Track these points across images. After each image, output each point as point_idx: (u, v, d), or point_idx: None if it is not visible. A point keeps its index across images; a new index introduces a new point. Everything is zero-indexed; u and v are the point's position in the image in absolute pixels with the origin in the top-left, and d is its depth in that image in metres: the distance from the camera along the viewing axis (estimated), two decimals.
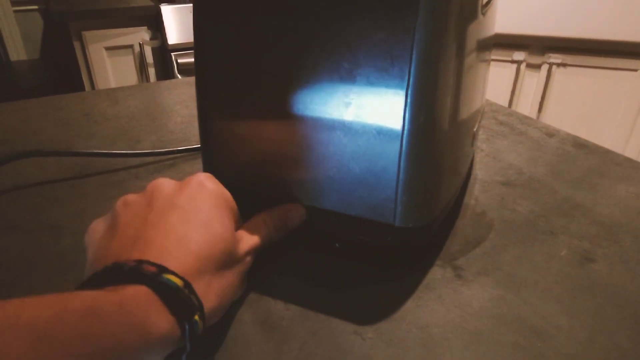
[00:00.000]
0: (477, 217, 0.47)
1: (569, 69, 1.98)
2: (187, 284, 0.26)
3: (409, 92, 0.32)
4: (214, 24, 0.36)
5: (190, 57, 1.82)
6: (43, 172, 0.54)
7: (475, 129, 0.48)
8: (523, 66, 2.05)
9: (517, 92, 2.11)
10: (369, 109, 0.34)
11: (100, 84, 1.81)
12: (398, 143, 0.34)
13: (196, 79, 0.39)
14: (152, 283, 0.25)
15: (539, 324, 0.34)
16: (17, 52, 2.27)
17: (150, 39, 1.82)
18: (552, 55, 1.97)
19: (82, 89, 1.74)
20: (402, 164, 0.34)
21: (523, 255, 0.41)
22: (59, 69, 2.26)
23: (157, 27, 1.81)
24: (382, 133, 0.34)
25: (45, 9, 2.22)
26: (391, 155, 0.34)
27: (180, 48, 1.79)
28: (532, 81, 2.07)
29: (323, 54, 0.33)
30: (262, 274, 0.38)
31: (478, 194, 0.50)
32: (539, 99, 2.06)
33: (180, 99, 0.77)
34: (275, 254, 0.39)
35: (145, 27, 1.81)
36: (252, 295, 0.37)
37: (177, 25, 1.77)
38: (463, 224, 0.46)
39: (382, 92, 0.33)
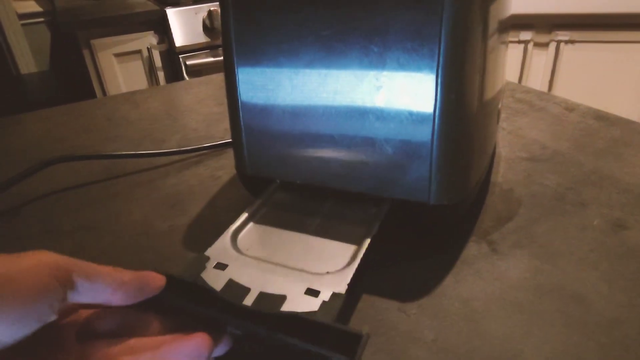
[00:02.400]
0: (506, 193, 0.47)
1: (577, 45, 1.96)
2: None
3: (440, 71, 0.33)
4: (244, 15, 0.37)
5: (198, 59, 1.83)
6: (75, 177, 0.55)
7: (499, 106, 0.48)
8: (530, 45, 2.04)
9: (525, 72, 2.09)
10: (400, 91, 0.34)
11: (112, 91, 1.83)
12: (430, 122, 0.34)
13: (225, 73, 0.40)
14: None
15: (579, 291, 0.35)
16: (27, 64, 2.30)
17: (158, 43, 1.84)
18: (559, 32, 1.95)
19: (94, 96, 1.76)
20: (435, 143, 0.35)
21: (555, 227, 0.42)
22: (69, 78, 2.29)
23: (163, 30, 1.82)
24: (414, 113, 0.34)
25: (52, 21, 2.24)
26: (424, 135, 0.35)
27: (187, 50, 1.80)
28: (541, 60, 2.05)
29: (352, 39, 0.34)
30: None
31: (504, 171, 0.51)
32: (548, 77, 2.05)
33: (199, 98, 0.79)
34: None
35: (152, 32, 1.82)
36: None
37: (183, 27, 1.78)
38: (493, 200, 0.46)
39: (413, 72, 0.33)
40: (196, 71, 1.79)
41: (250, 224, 0.39)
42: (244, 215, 0.39)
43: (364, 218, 0.38)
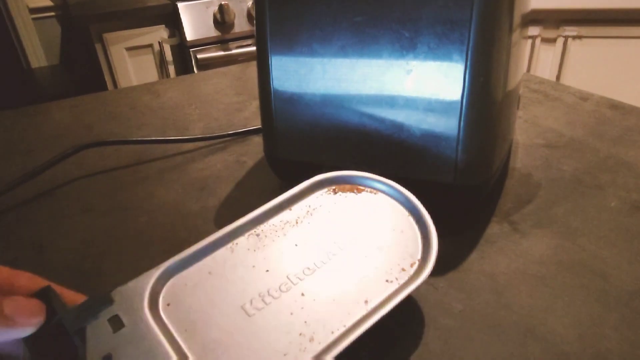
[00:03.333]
0: (525, 177, 0.49)
1: (584, 40, 1.97)
2: None
3: (469, 55, 0.34)
4: (279, 2, 0.39)
5: (209, 53, 1.85)
6: (105, 162, 0.57)
7: (519, 92, 0.50)
8: (538, 41, 2.04)
9: (532, 67, 2.10)
10: (429, 75, 0.36)
11: (123, 85, 1.85)
12: (458, 105, 0.36)
13: (258, 59, 0.42)
14: None
15: (599, 266, 0.37)
16: (38, 58, 2.33)
17: (169, 36, 1.86)
18: (567, 28, 1.96)
19: (105, 90, 1.78)
20: (462, 125, 0.37)
21: (574, 208, 0.44)
22: (79, 72, 2.31)
23: (174, 24, 1.84)
24: (442, 97, 0.36)
25: (63, 15, 2.26)
26: (451, 118, 0.37)
27: (198, 44, 1.82)
28: (548, 55, 2.06)
29: (384, 24, 0.36)
30: None
31: (522, 157, 0.53)
32: (555, 72, 2.05)
33: (218, 88, 0.80)
34: None
35: (163, 26, 1.84)
36: None
37: (194, 21, 1.80)
38: (512, 184, 0.48)
39: (443, 57, 0.35)
40: (207, 65, 1.81)
41: (194, 267, 0.30)
42: (195, 248, 0.31)
43: None
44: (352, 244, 0.32)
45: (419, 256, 0.32)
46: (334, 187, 0.36)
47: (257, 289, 0.29)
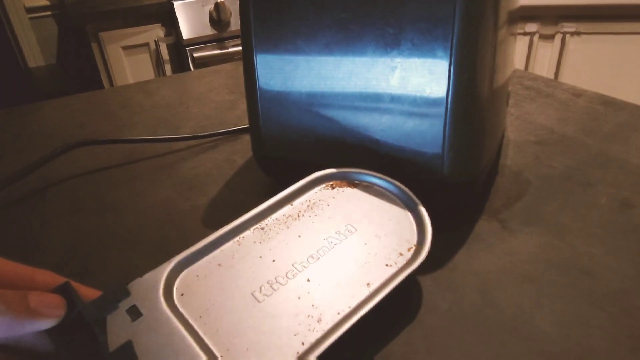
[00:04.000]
0: (515, 174, 0.49)
1: (583, 37, 1.96)
2: None
3: (453, 51, 0.34)
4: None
5: (205, 51, 1.84)
6: (96, 161, 0.57)
7: (509, 89, 0.50)
8: (536, 37, 2.04)
9: (530, 64, 2.09)
10: (414, 71, 0.36)
11: (119, 84, 1.85)
12: (444, 101, 0.36)
13: (244, 57, 0.42)
14: None
15: (587, 264, 0.36)
16: (35, 58, 2.32)
17: (165, 35, 1.85)
18: (565, 24, 1.95)
19: (102, 89, 1.78)
20: (448, 121, 0.36)
21: (564, 205, 0.43)
22: (76, 72, 2.31)
23: (170, 23, 1.84)
24: (427, 93, 0.36)
25: (59, 14, 2.26)
26: (437, 114, 0.36)
27: (194, 43, 1.82)
28: (546, 52, 2.05)
29: (369, 20, 0.35)
30: None
31: (513, 154, 0.52)
32: (554, 69, 2.05)
33: (211, 86, 0.80)
34: None
35: (159, 24, 1.84)
36: None
37: (190, 20, 1.80)
38: (502, 181, 0.48)
39: (427, 53, 0.35)
40: (203, 63, 1.81)
41: (204, 260, 0.32)
42: (204, 242, 0.32)
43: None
44: (352, 233, 0.34)
45: (415, 241, 0.34)
46: (331, 183, 0.39)
47: (266, 277, 0.30)
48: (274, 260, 0.32)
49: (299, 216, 0.36)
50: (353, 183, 0.39)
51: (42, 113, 0.73)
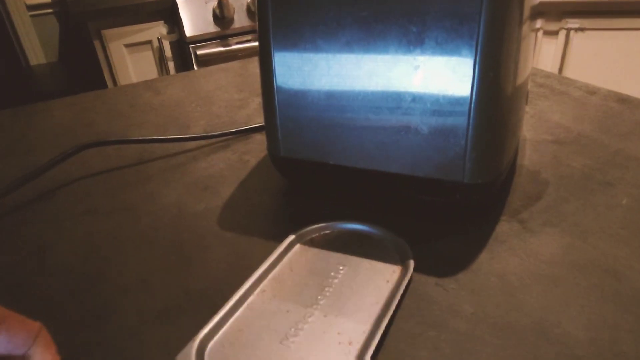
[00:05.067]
0: (534, 174, 0.48)
1: (587, 33, 1.95)
2: None
3: (479, 49, 0.33)
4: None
5: (208, 49, 1.83)
6: (107, 161, 0.57)
7: (528, 89, 0.49)
8: (540, 34, 2.03)
9: (534, 60, 2.08)
10: (438, 70, 0.35)
11: (122, 81, 1.84)
12: (467, 101, 0.35)
13: (260, 56, 0.41)
14: None
15: (612, 266, 0.36)
16: (36, 56, 2.31)
17: (168, 33, 1.84)
18: (569, 20, 1.94)
19: (105, 87, 1.77)
20: (471, 122, 0.36)
21: (585, 206, 0.43)
22: (78, 70, 2.30)
23: (173, 20, 1.83)
24: (451, 92, 0.35)
25: (61, 12, 2.25)
26: (460, 114, 0.36)
27: (197, 40, 1.81)
28: (550, 48, 2.04)
29: (391, 19, 0.35)
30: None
31: (530, 154, 0.52)
32: (558, 65, 2.04)
33: (219, 84, 0.79)
34: (353, 215, 0.41)
35: (162, 22, 1.82)
36: None
37: (193, 17, 1.79)
38: (521, 181, 0.47)
39: (451, 52, 0.34)
40: (206, 61, 1.80)
41: (224, 330, 0.32)
42: (218, 316, 0.33)
43: None
44: (347, 266, 0.37)
45: (398, 258, 0.38)
46: (305, 241, 0.41)
47: (288, 326, 0.32)
48: (288, 311, 0.33)
49: (291, 270, 0.37)
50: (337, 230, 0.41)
51: (49, 113, 0.72)
